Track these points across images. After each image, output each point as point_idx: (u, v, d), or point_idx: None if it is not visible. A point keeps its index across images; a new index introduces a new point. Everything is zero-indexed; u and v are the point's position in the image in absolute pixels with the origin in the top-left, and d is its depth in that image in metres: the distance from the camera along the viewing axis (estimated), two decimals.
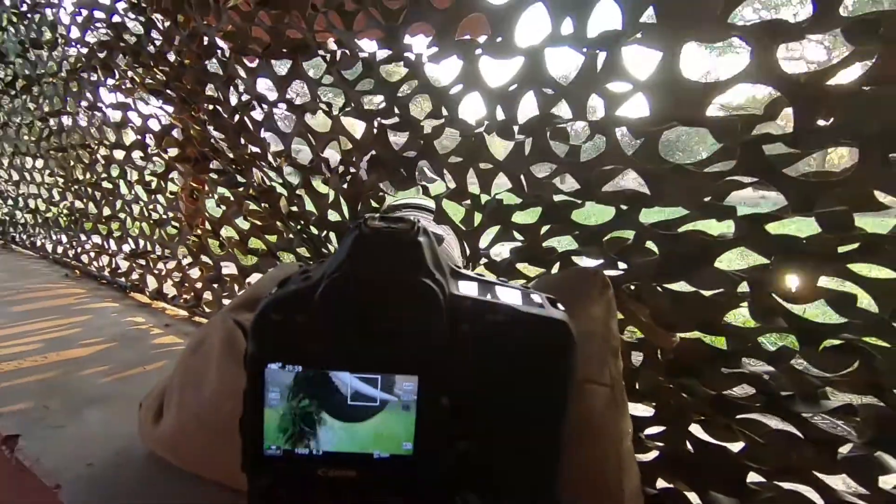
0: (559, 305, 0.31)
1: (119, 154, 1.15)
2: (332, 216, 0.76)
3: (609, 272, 0.52)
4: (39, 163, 1.50)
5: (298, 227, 0.83)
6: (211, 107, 0.87)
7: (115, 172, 1.20)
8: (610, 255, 0.53)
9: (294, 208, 0.83)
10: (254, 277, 0.93)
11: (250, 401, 0.28)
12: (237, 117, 0.83)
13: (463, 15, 0.55)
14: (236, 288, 0.97)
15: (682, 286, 0.50)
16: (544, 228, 0.57)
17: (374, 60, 0.64)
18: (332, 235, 0.79)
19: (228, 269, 0.98)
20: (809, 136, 0.38)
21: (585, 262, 0.56)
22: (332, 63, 0.68)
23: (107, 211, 1.27)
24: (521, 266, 0.61)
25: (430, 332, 0.28)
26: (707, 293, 0.48)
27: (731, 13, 0.40)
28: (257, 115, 0.81)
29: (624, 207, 0.51)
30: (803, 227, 0.42)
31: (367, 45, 0.66)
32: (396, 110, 0.65)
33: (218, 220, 0.97)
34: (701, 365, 0.50)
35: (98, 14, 1.03)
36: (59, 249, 1.50)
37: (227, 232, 0.98)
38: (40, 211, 1.57)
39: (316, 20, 0.67)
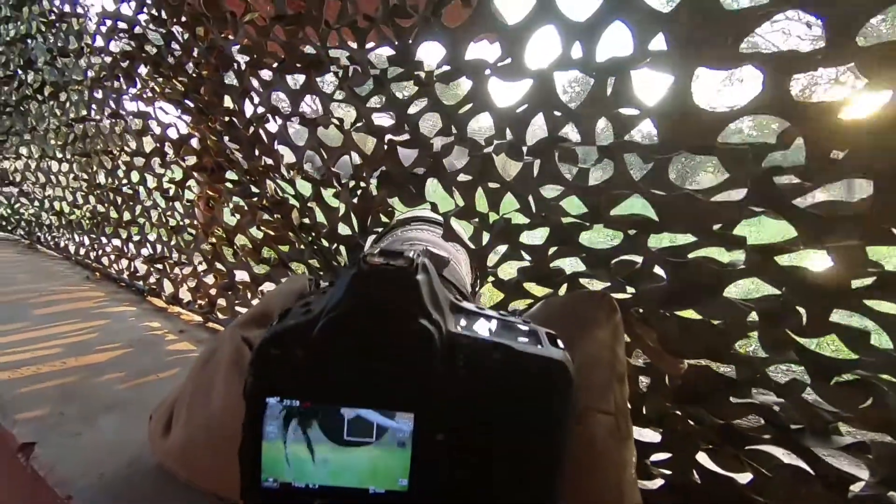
0: (559, 343, 0.31)
1: (139, 161, 1.18)
2: (343, 229, 0.77)
3: (617, 295, 0.52)
4: (65, 167, 1.55)
5: (309, 238, 0.84)
6: (227, 118, 0.89)
7: (135, 178, 1.23)
8: (617, 278, 0.52)
9: (306, 220, 0.84)
10: (266, 286, 0.95)
11: (248, 433, 0.29)
12: (252, 129, 0.85)
13: (473, 34, 0.55)
14: (249, 295, 0.99)
15: (691, 312, 0.49)
16: (552, 249, 0.57)
17: (385, 77, 0.65)
18: (343, 248, 0.79)
19: (242, 276, 0.99)
20: (822, 168, 0.37)
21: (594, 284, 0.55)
22: (345, 79, 0.69)
23: (127, 216, 1.30)
24: (528, 286, 0.60)
25: (427, 371, 0.28)
26: (716, 322, 0.47)
27: (743, 40, 0.39)
28: (272, 127, 0.82)
29: (632, 232, 0.50)
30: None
31: (380, 52, 0.66)
32: (406, 127, 0.65)
33: (232, 229, 0.98)
34: (709, 393, 0.50)
35: (121, 25, 1.06)
36: (82, 251, 1.54)
37: (240, 240, 0.99)
38: (65, 213, 1.62)
39: (329, 36, 0.68)
